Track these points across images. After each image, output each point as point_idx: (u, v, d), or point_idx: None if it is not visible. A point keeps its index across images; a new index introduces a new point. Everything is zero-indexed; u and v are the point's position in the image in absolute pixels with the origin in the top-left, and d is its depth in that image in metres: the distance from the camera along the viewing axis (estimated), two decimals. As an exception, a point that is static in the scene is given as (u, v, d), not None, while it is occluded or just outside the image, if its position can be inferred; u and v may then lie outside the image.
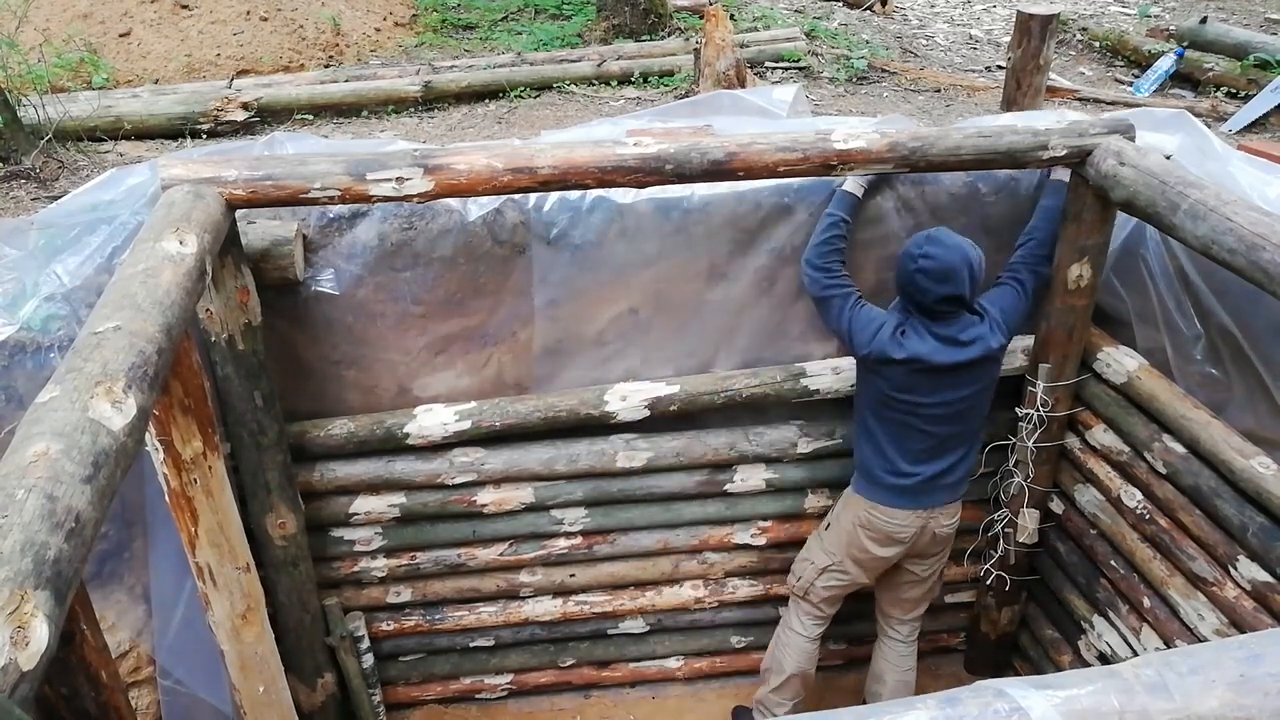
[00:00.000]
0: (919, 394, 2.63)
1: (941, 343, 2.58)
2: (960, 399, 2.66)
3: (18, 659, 1.02)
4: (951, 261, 2.48)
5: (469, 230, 2.69)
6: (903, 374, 2.62)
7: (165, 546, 2.55)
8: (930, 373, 2.60)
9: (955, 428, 2.71)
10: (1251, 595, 2.39)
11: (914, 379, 2.62)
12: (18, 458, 1.23)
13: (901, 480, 2.74)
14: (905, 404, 2.65)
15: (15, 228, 2.48)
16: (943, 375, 2.61)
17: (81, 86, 5.03)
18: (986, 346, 2.62)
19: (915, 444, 2.71)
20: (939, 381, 2.62)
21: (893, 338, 2.60)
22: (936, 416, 2.67)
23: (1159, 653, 1.09)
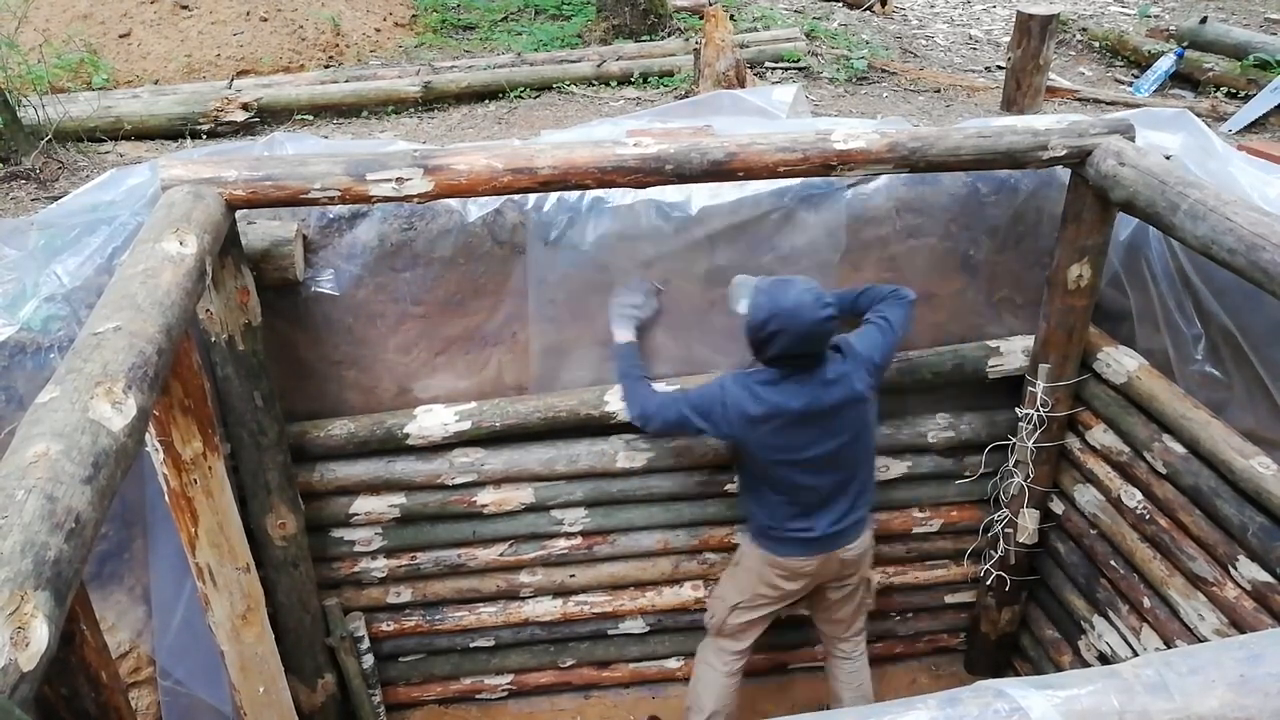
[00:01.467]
0: (792, 451, 2.56)
1: (801, 387, 2.51)
2: (838, 447, 2.58)
3: (18, 659, 1.02)
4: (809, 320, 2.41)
5: (469, 231, 2.69)
6: (768, 431, 2.53)
7: (165, 547, 2.55)
8: (794, 423, 2.52)
9: (839, 475, 2.64)
10: (1251, 595, 2.39)
11: (781, 435, 2.53)
12: (18, 458, 1.23)
13: (798, 534, 2.69)
14: (782, 464, 2.58)
15: (15, 228, 2.48)
16: (809, 424, 2.53)
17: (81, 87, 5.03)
18: (850, 388, 2.54)
19: (804, 499, 2.63)
20: (807, 431, 2.54)
21: (739, 400, 2.52)
22: (817, 469, 2.59)
23: (1159, 653, 1.09)
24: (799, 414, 2.51)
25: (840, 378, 2.54)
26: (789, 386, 2.52)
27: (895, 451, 3.16)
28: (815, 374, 2.52)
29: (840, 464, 2.63)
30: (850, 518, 2.71)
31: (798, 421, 2.52)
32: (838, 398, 2.54)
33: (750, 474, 2.72)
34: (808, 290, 2.44)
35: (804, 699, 3.42)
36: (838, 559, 2.76)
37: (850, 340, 2.61)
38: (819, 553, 2.72)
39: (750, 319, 2.46)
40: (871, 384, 2.60)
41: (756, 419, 2.52)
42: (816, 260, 2.88)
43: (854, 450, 2.64)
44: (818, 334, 2.45)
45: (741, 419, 2.53)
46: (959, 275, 2.98)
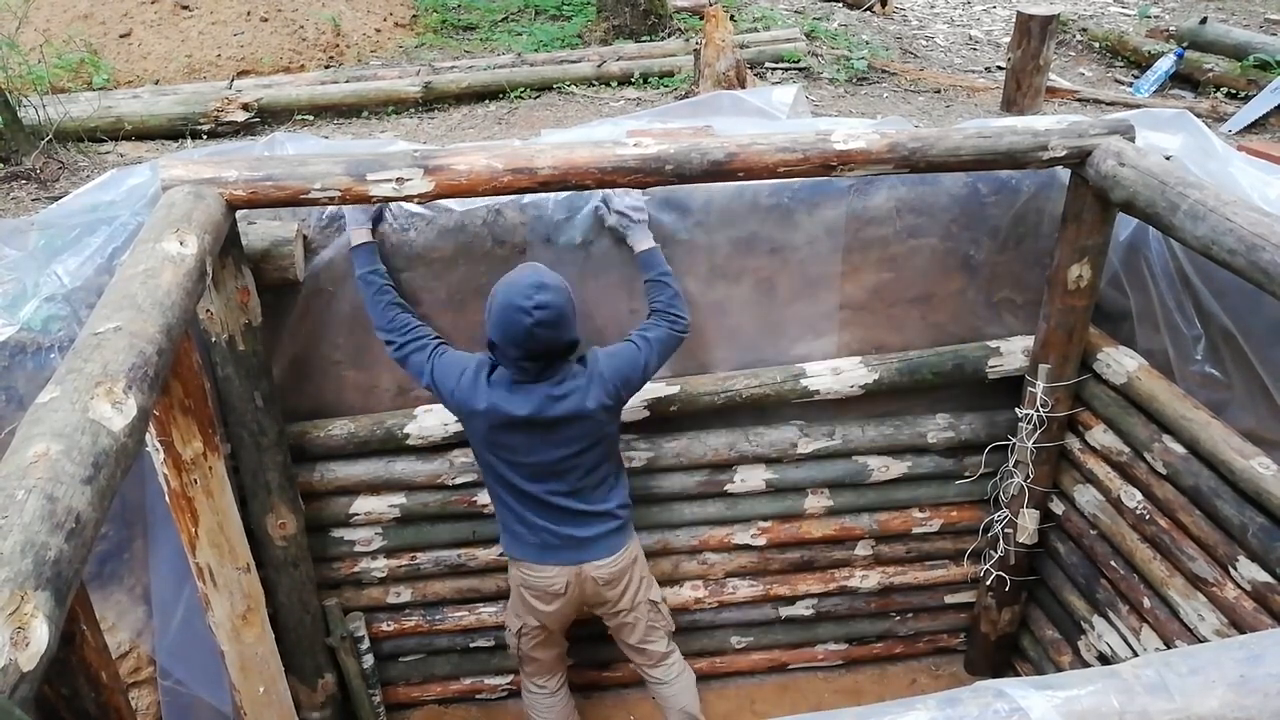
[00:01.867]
0: (508, 452, 2.46)
1: (527, 394, 2.39)
2: (560, 459, 2.46)
3: (18, 659, 1.02)
4: (565, 308, 2.32)
5: (469, 230, 2.69)
6: (485, 427, 2.42)
7: (165, 547, 2.55)
8: (512, 427, 2.40)
9: (564, 484, 2.51)
10: (1251, 596, 2.39)
11: (498, 434, 2.42)
12: (18, 458, 1.23)
13: (531, 536, 2.59)
14: (501, 461, 2.48)
15: (15, 228, 2.48)
16: (529, 430, 2.41)
17: (82, 87, 5.03)
18: (580, 405, 2.40)
19: (528, 503, 2.54)
20: (526, 438, 2.42)
21: (474, 384, 2.40)
22: (536, 476, 2.48)
23: (1159, 653, 1.09)
24: (520, 420, 2.39)
25: (571, 392, 2.41)
26: (515, 390, 2.39)
27: (895, 451, 3.16)
28: (544, 383, 2.40)
29: (564, 474, 2.50)
30: (589, 530, 2.58)
31: (518, 426, 2.40)
32: (562, 411, 2.40)
33: (482, 469, 2.60)
34: (525, 277, 2.31)
35: (804, 699, 3.42)
36: (589, 577, 2.63)
37: (599, 355, 2.49)
38: (558, 563, 2.60)
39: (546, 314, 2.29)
40: (608, 403, 2.46)
41: (477, 412, 2.41)
42: (816, 260, 2.88)
43: (580, 462, 2.50)
44: (531, 344, 2.30)
45: (467, 407, 2.43)
46: (959, 275, 2.98)
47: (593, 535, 2.60)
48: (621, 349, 2.52)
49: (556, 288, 2.33)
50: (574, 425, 2.44)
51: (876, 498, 3.23)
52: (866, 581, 3.37)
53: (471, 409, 2.42)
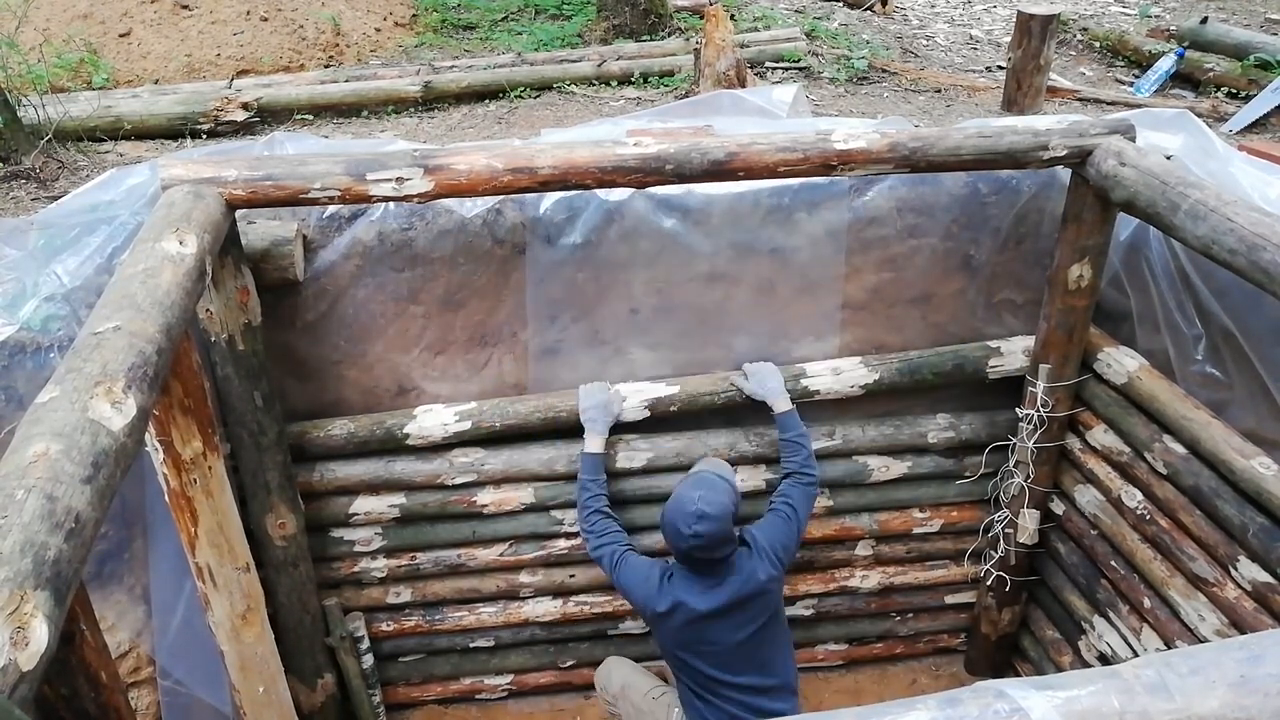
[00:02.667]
0: (698, 643, 2.56)
1: (706, 588, 2.51)
2: (747, 638, 2.56)
3: (17, 659, 1.02)
4: (723, 529, 2.43)
5: (468, 230, 2.69)
6: (675, 626, 2.55)
7: (165, 547, 2.55)
8: (701, 620, 2.52)
9: (749, 664, 2.60)
10: (1252, 596, 2.39)
11: (688, 630, 2.54)
12: (18, 458, 1.23)
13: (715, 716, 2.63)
14: (691, 653, 2.58)
15: (15, 228, 2.48)
16: (714, 619, 2.53)
17: (81, 86, 5.03)
18: (754, 580, 2.53)
19: (717, 689, 2.60)
20: (712, 627, 2.53)
21: (658, 588, 2.55)
22: (724, 664, 2.58)
23: (1159, 653, 1.09)
24: (703, 614, 2.52)
25: (746, 573, 2.53)
26: (694, 585, 2.52)
27: (895, 452, 3.16)
28: (719, 573, 2.52)
29: (749, 652, 2.60)
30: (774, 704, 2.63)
31: (703, 618, 2.53)
32: (742, 593, 2.53)
33: (668, 659, 2.71)
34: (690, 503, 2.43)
35: (804, 699, 3.41)
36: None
37: (754, 533, 2.62)
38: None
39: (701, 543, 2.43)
40: (774, 572, 2.59)
41: (661, 614, 2.54)
42: (817, 260, 2.88)
43: (762, 636, 2.60)
44: (728, 536, 2.46)
45: (651, 612, 2.58)
46: (959, 275, 2.98)
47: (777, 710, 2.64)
48: (773, 521, 2.67)
49: (716, 516, 2.43)
50: (752, 603, 2.55)
51: (877, 498, 3.23)
52: (867, 581, 3.37)
53: (655, 611, 2.55)
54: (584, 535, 2.78)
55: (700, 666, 2.60)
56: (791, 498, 2.72)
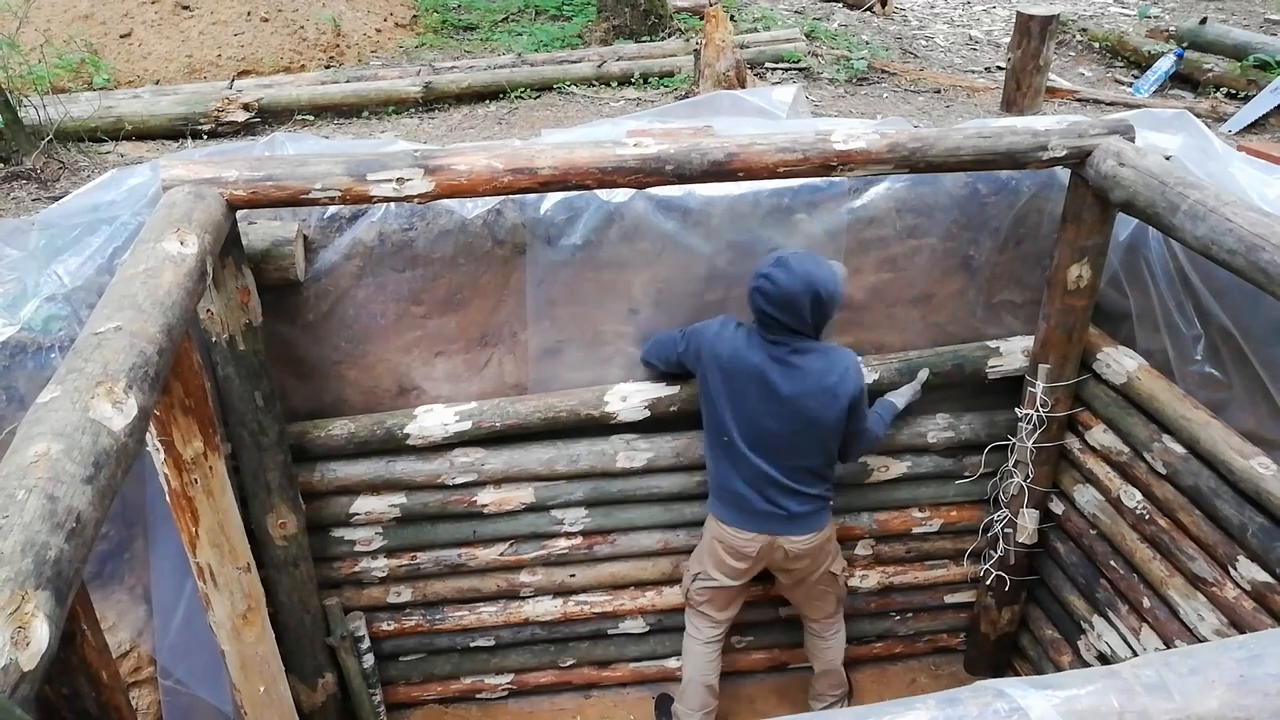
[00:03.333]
0: (738, 408, 2.62)
1: (772, 359, 2.58)
2: (779, 433, 2.62)
3: (18, 659, 1.02)
4: (793, 290, 2.47)
5: (469, 230, 2.69)
6: (724, 377, 2.62)
7: (166, 546, 2.55)
8: (749, 381, 2.58)
9: (780, 461, 2.66)
10: (1251, 595, 2.39)
11: (734, 383, 2.61)
12: (19, 458, 1.23)
13: (735, 499, 2.75)
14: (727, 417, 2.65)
15: (16, 228, 2.48)
16: (761, 391, 2.58)
17: (82, 87, 5.03)
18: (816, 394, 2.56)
19: (741, 468, 2.70)
20: (758, 399, 2.59)
21: (719, 333, 2.63)
22: (753, 440, 2.64)
23: (1159, 653, 1.09)
24: (754, 370, 2.57)
25: (812, 378, 2.57)
26: (759, 342, 2.58)
27: (895, 451, 3.16)
28: (788, 347, 2.56)
29: (782, 451, 2.65)
30: (794, 507, 2.72)
31: (752, 379, 2.58)
32: (795, 390, 2.57)
33: (706, 424, 2.77)
34: (834, 274, 2.52)
35: (804, 699, 3.42)
36: (780, 548, 2.78)
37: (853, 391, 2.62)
38: (756, 530, 2.75)
39: (770, 286, 2.50)
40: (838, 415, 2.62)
41: (721, 358, 2.61)
42: (817, 260, 2.88)
43: (797, 446, 2.65)
44: (798, 304, 2.48)
45: (711, 354, 2.63)
46: (959, 276, 2.98)
47: (797, 514, 2.74)
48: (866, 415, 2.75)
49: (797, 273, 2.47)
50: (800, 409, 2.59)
51: (876, 497, 3.23)
52: (866, 581, 3.37)
53: (716, 356, 2.62)
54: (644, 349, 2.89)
55: (735, 436, 2.65)
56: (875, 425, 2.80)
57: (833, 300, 2.53)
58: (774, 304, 2.50)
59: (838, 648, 3.20)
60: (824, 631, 3.16)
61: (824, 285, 2.50)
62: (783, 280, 2.47)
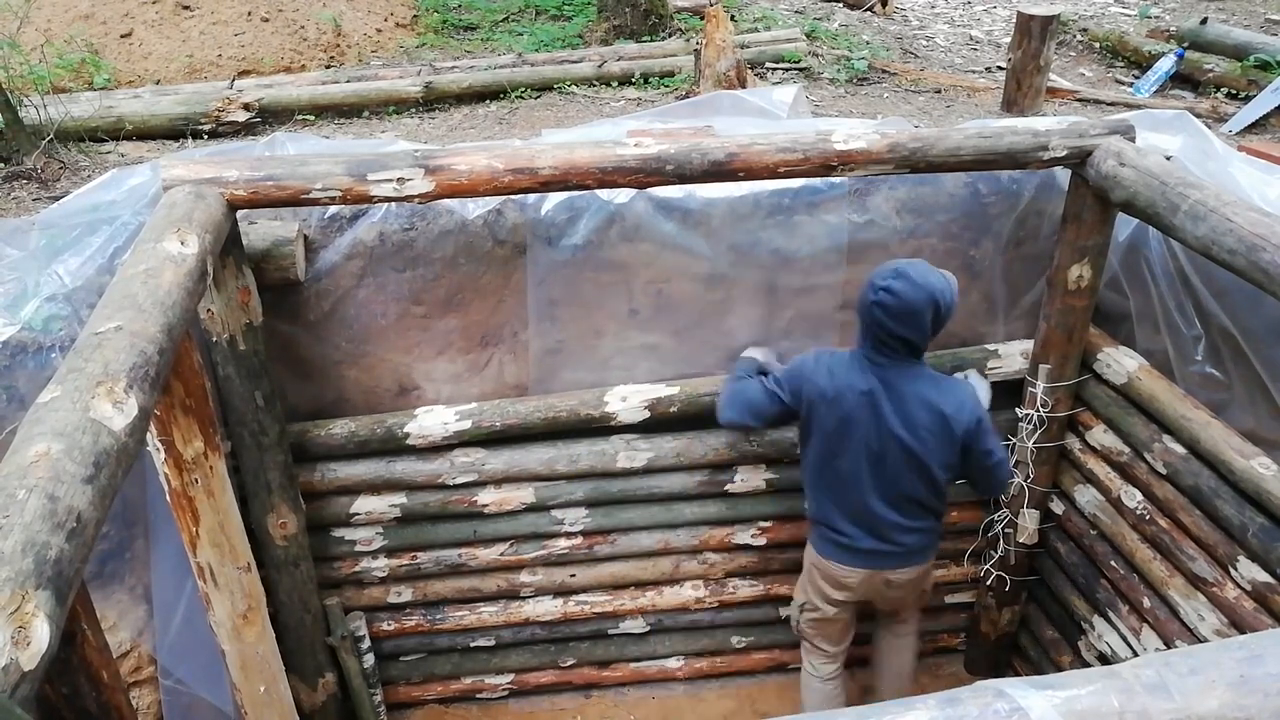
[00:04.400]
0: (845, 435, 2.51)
1: (882, 384, 2.46)
2: (888, 465, 2.51)
3: (19, 659, 1.02)
4: (916, 302, 2.36)
5: (469, 231, 2.70)
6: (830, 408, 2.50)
7: (166, 546, 2.55)
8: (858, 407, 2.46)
9: (889, 489, 2.56)
10: (1252, 596, 2.39)
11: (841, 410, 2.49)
12: (19, 458, 1.24)
13: (839, 538, 2.67)
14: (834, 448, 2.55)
15: (17, 228, 2.48)
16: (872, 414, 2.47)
17: (83, 87, 5.03)
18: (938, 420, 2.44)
19: (846, 503, 2.61)
20: (867, 423, 2.48)
21: (816, 366, 2.52)
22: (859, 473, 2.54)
23: (1159, 653, 1.09)
24: (863, 398, 2.46)
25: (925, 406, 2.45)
26: (867, 367, 2.47)
27: (895, 452, 3.16)
28: (899, 371, 2.45)
29: (890, 484, 2.55)
30: (901, 540, 2.63)
31: (861, 407, 2.46)
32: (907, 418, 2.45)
33: (807, 460, 2.68)
34: (949, 284, 2.41)
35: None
36: (882, 579, 2.70)
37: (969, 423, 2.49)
38: (861, 566, 2.67)
39: (891, 299, 2.36)
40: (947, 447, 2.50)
41: (825, 390, 2.50)
42: (817, 261, 2.88)
43: (907, 478, 2.54)
44: (920, 318, 2.36)
45: (814, 389, 2.52)
46: (960, 276, 2.97)
47: (903, 549, 2.65)
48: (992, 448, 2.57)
49: (918, 283, 2.35)
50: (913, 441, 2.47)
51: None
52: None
53: (820, 391, 2.50)
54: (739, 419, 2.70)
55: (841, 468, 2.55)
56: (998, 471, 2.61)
57: (950, 311, 2.43)
58: (895, 318, 2.37)
59: (911, 649, 3.11)
60: (901, 632, 3.06)
61: (943, 296, 2.39)
62: (905, 292, 2.34)
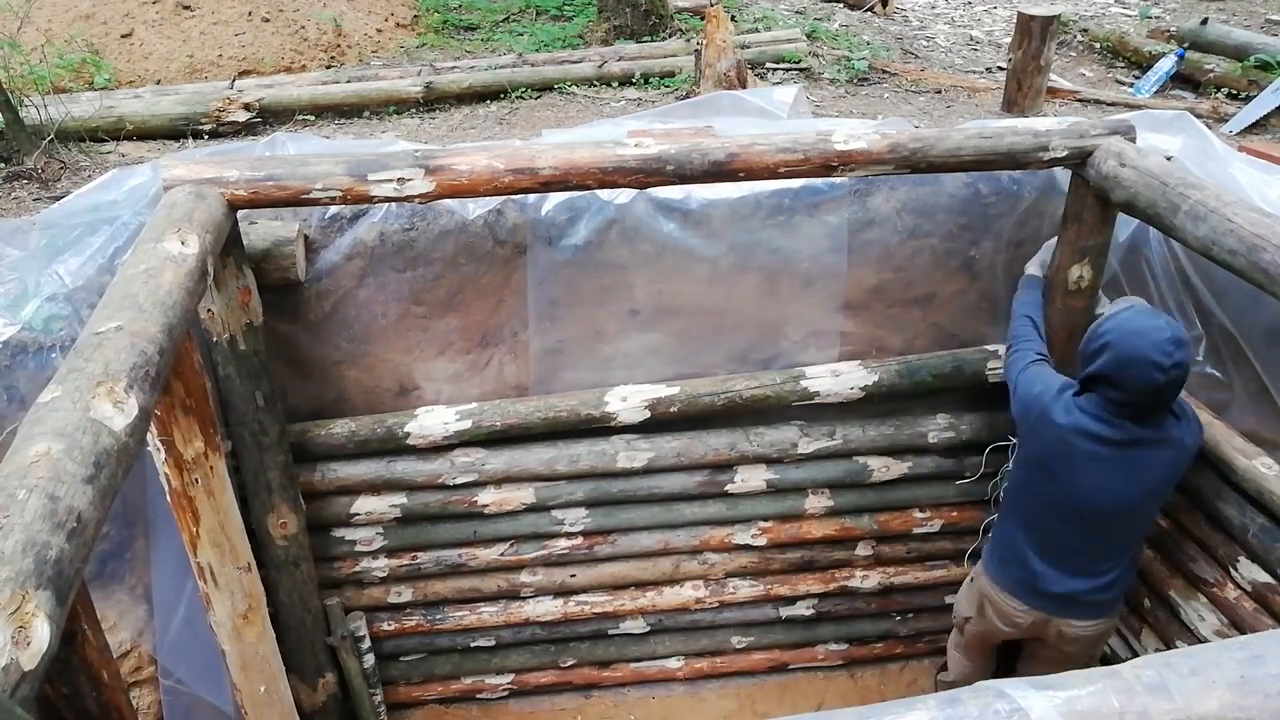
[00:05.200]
0: (1066, 479, 2.31)
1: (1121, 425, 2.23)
2: (1104, 513, 2.31)
3: (19, 659, 1.02)
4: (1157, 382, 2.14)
5: (469, 231, 2.70)
6: (1058, 443, 2.30)
7: (166, 546, 2.55)
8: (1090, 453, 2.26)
9: (1092, 537, 2.37)
10: (1252, 596, 2.39)
11: (1067, 455, 2.29)
12: (19, 458, 1.24)
13: (1022, 574, 2.49)
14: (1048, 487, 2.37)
15: (17, 228, 2.48)
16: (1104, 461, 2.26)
17: (83, 87, 5.04)
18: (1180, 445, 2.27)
19: (1040, 542, 2.43)
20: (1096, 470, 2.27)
21: (1057, 397, 2.32)
22: (1068, 517, 2.36)
23: (1159, 654, 1.09)
24: (1101, 440, 2.24)
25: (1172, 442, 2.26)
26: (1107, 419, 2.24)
27: (896, 452, 3.16)
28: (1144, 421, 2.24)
29: (1098, 529, 2.36)
30: (1087, 590, 2.42)
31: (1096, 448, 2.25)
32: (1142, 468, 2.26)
33: (1014, 482, 2.53)
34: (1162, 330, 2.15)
35: (804, 699, 3.42)
36: (1056, 627, 2.51)
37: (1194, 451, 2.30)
38: (1036, 609, 2.50)
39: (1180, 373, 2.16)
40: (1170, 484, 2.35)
41: (1061, 426, 2.29)
42: (818, 262, 2.88)
43: (1119, 524, 2.36)
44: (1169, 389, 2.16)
45: (1049, 420, 2.32)
46: (960, 277, 2.98)
47: (1088, 600, 2.45)
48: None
49: (1188, 344, 2.18)
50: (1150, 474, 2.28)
51: (877, 498, 3.23)
52: (867, 582, 3.37)
53: (1051, 419, 2.31)
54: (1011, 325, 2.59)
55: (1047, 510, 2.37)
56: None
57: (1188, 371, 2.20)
58: (1129, 392, 2.17)
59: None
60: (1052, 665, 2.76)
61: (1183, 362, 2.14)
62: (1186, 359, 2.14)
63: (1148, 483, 2.29)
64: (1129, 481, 2.28)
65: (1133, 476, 2.27)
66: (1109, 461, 2.26)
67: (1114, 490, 2.29)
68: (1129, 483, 2.28)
